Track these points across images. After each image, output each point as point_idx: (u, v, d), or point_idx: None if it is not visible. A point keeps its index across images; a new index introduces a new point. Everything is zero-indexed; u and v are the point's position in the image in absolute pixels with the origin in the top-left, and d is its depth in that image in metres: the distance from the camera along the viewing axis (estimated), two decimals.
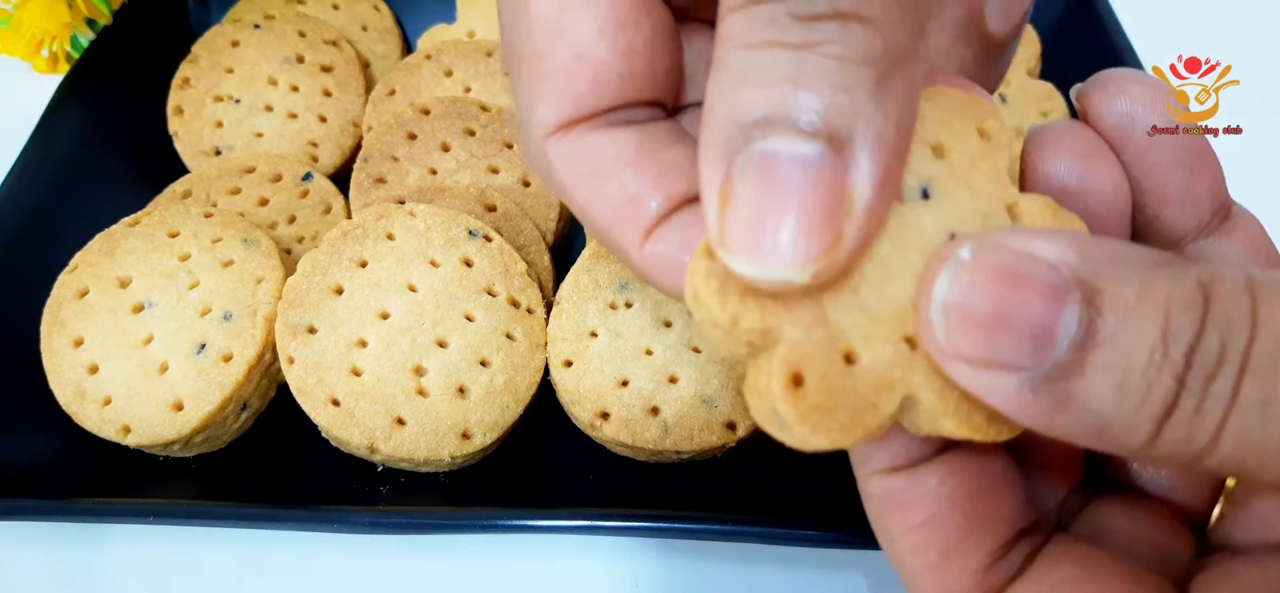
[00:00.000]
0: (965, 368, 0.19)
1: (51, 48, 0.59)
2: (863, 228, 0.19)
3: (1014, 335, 0.18)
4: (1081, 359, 0.17)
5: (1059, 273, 0.18)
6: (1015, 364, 0.18)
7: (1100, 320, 0.17)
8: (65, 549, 0.41)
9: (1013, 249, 0.18)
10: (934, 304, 0.19)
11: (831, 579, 0.39)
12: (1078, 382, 0.18)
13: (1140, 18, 0.54)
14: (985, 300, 0.18)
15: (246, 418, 0.42)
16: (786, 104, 0.18)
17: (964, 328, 0.18)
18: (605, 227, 0.24)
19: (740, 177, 0.19)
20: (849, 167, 0.18)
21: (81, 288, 0.42)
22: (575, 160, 0.23)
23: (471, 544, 0.40)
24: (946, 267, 0.19)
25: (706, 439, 0.39)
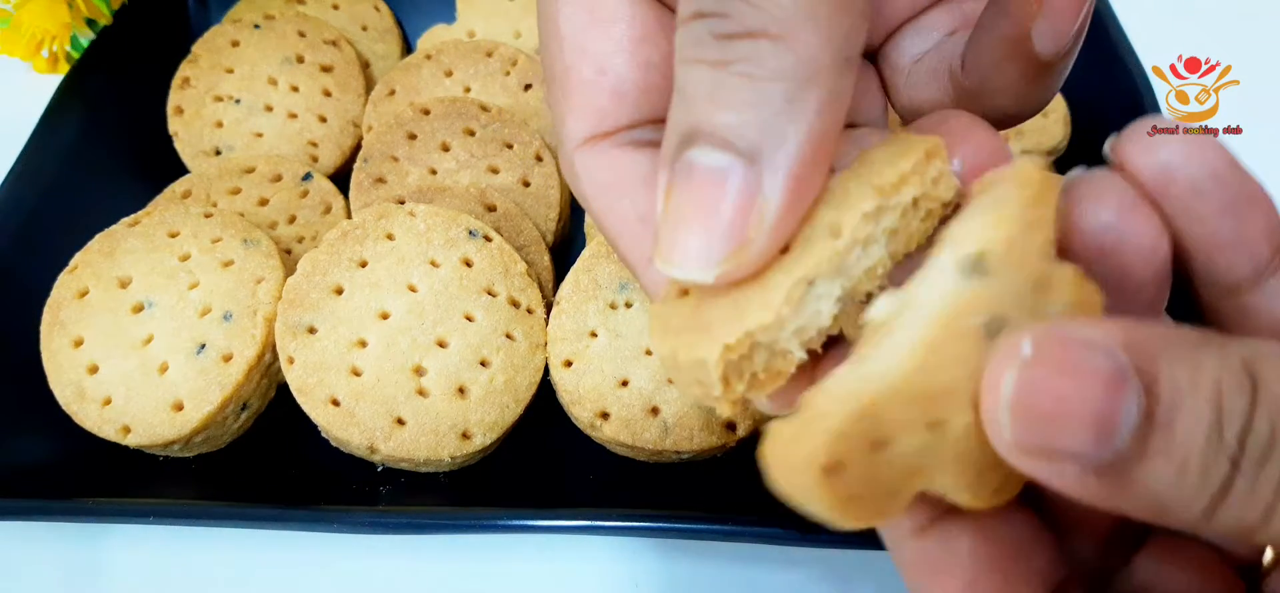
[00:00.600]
0: (1029, 460, 0.19)
1: (51, 48, 0.59)
2: (772, 234, 0.20)
3: (1078, 427, 0.18)
4: (1142, 447, 0.18)
5: (1117, 360, 0.18)
6: (1079, 454, 0.18)
7: (1158, 407, 0.18)
8: (65, 549, 0.41)
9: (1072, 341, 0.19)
10: (1001, 404, 0.19)
11: (832, 579, 0.39)
12: (1138, 467, 0.18)
13: (1140, 18, 0.54)
14: (1049, 397, 0.18)
15: (246, 418, 0.42)
16: (705, 119, 0.20)
17: (1028, 423, 0.19)
18: (616, 241, 0.25)
19: (674, 181, 0.21)
20: (760, 177, 0.20)
21: (81, 288, 0.42)
22: (596, 173, 0.25)
23: (471, 544, 0.40)
24: (1011, 366, 0.19)
25: (706, 440, 0.39)
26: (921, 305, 0.20)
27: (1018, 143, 0.50)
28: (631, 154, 0.25)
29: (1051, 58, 0.26)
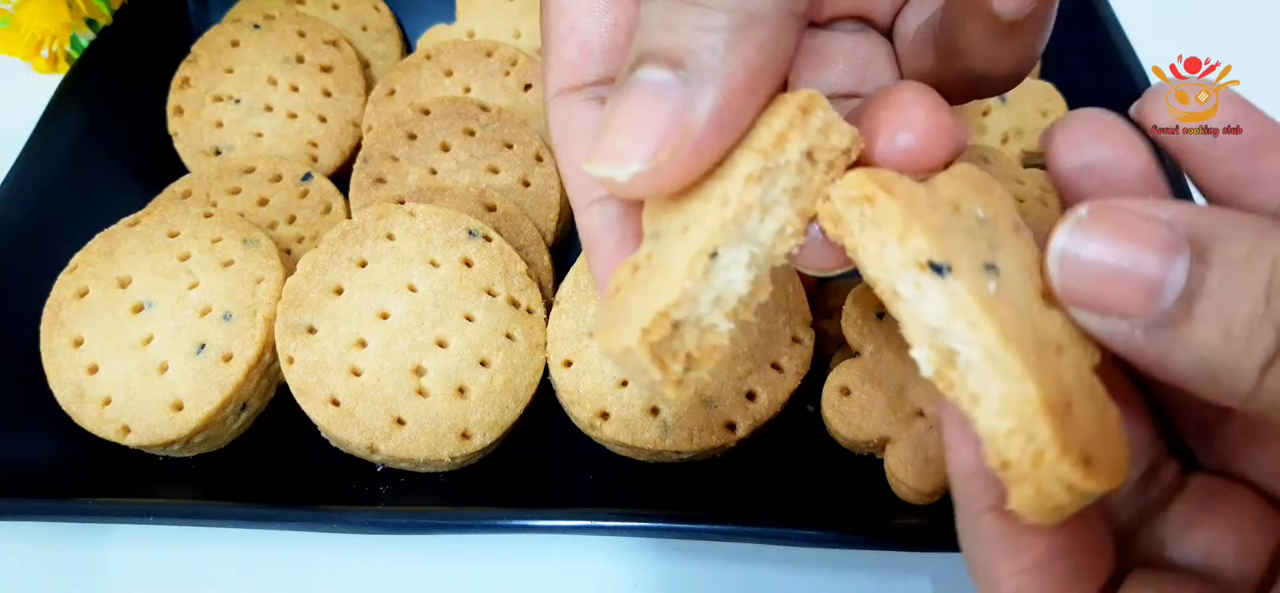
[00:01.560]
0: (1081, 311, 0.21)
1: (51, 48, 0.59)
2: (694, 148, 0.22)
3: (1126, 285, 0.20)
4: (1188, 310, 0.19)
5: (1173, 230, 0.20)
6: (1127, 312, 0.20)
7: (1208, 274, 0.19)
8: (65, 549, 0.41)
9: (1130, 209, 0.20)
10: (1053, 253, 0.21)
11: (832, 580, 0.39)
12: (1185, 329, 0.19)
13: (1140, 18, 0.54)
14: (1099, 250, 0.20)
15: (246, 418, 0.42)
16: (654, 42, 0.22)
17: (1079, 275, 0.21)
18: (566, 184, 0.28)
19: (612, 96, 0.23)
20: (694, 95, 0.21)
21: (81, 288, 0.42)
22: (561, 123, 0.28)
23: (471, 544, 0.40)
24: (1066, 222, 0.21)
25: (706, 439, 0.39)
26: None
27: (1019, 143, 0.50)
28: (592, 107, 0.27)
29: (1011, 16, 0.26)
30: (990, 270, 0.22)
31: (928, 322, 0.22)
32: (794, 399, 0.40)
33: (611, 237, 0.27)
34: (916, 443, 0.38)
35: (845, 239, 0.23)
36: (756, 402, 0.40)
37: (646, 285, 0.23)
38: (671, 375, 0.22)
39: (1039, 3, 0.26)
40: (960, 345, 0.21)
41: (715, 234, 0.22)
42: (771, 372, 0.40)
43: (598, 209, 0.27)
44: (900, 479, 0.38)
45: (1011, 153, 0.50)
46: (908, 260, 0.22)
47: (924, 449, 0.37)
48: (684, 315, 0.22)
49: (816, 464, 0.41)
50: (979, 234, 0.23)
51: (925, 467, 0.37)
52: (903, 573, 0.40)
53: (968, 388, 0.21)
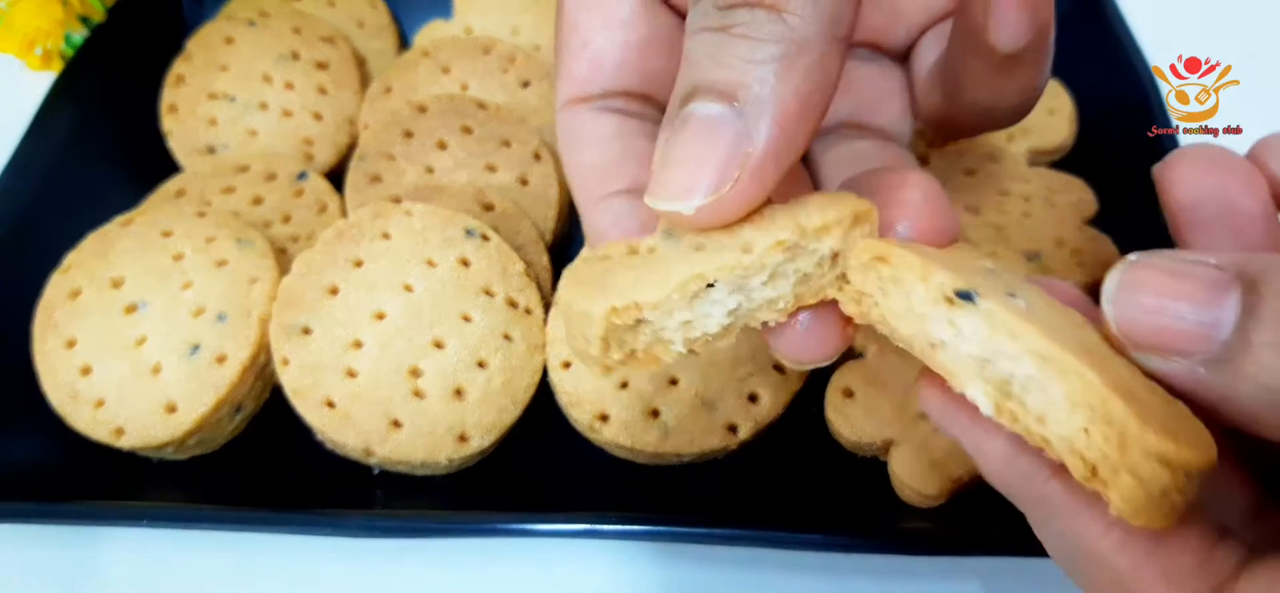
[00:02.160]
0: (1139, 351, 0.21)
1: (45, 45, 0.58)
2: (753, 178, 0.22)
3: (1181, 321, 0.20)
4: (1246, 339, 0.19)
5: (1222, 270, 0.20)
6: (1185, 349, 0.20)
7: (1262, 304, 0.19)
8: (57, 553, 0.41)
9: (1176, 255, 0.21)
10: (1106, 294, 0.22)
11: (836, 584, 0.39)
12: (1246, 359, 0.20)
13: (1141, 18, 0.54)
14: (1151, 292, 0.21)
15: (241, 420, 0.42)
16: (705, 76, 0.22)
17: (1133, 316, 0.21)
18: (573, 188, 0.29)
19: (666, 132, 0.23)
20: (749, 127, 0.22)
21: (74, 288, 0.42)
22: (569, 130, 0.29)
23: (469, 548, 0.40)
24: (1115, 270, 0.22)
25: (707, 442, 0.39)
26: None
27: (1024, 142, 0.50)
28: (598, 115, 0.28)
29: (1010, 50, 0.27)
30: (1014, 298, 0.22)
31: (971, 353, 0.22)
32: (796, 401, 0.40)
33: (618, 232, 0.27)
34: (920, 446, 0.37)
35: (871, 314, 0.24)
36: (758, 404, 0.39)
37: (637, 272, 0.23)
38: (606, 360, 0.23)
39: (1035, 34, 0.27)
40: (1009, 364, 0.21)
41: (722, 270, 0.22)
42: (774, 374, 0.40)
43: (605, 205, 0.28)
44: (904, 482, 0.37)
45: (1018, 152, 0.50)
46: (935, 297, 0.22)
47: (928, 452, 0.37)
48: (652, 319, 0.22)
49: (819, 467, 0.41)
50: (993, 277, 0.23)
51: (929, 470, 0.37)
52: (907, 577, 0.39)
53: (1031, 411, 0.21)
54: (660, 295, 0.22)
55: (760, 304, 0.24)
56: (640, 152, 0.28)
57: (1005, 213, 0.46)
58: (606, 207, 0.28)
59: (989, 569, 0.39)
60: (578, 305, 0.23)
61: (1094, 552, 0.22)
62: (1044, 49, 0.29)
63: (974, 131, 0.33)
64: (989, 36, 0.27)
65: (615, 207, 0.28)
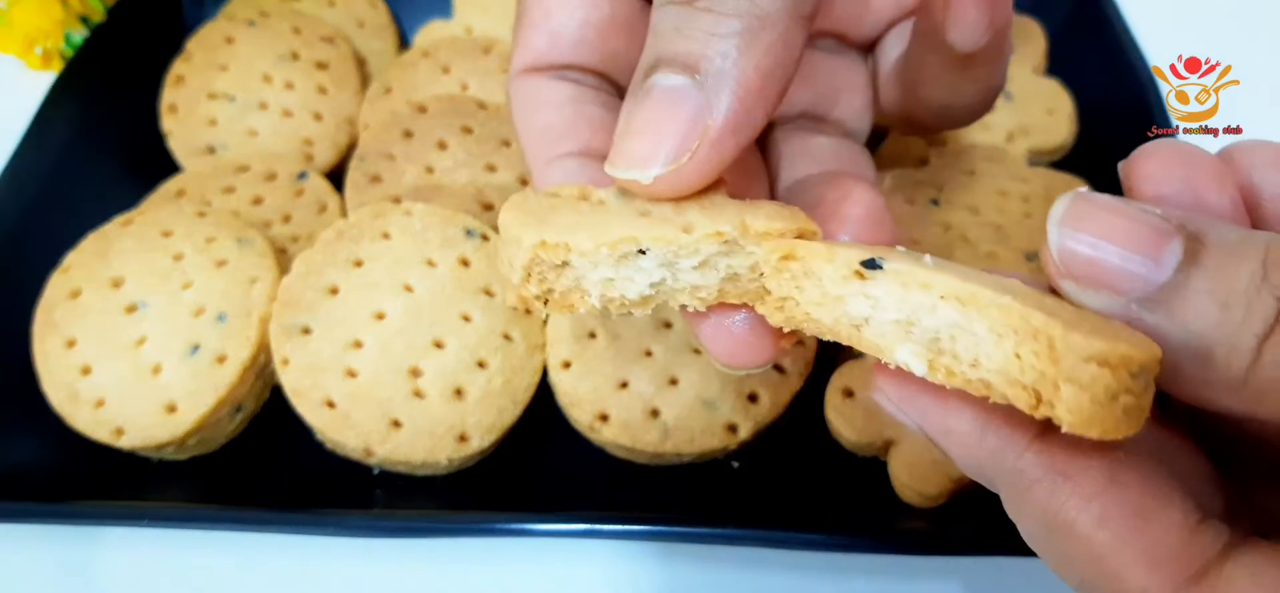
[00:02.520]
0: (1074, 286, 0.21)
1: (45, 45, 0.58)
2: (712, 149, 0.23)
3: (1120, 257, 0.20)
4: (1184, 281, 0.20)
5: (1166, 220, 0.20)
6: (1122, 287, 0.20)
7: (1205, 253, 0.20)
8: (58, 552, 0.41)
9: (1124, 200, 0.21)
10: (1051, 223, 0.21)
11: (835, 584, 0.39)
12: (1181, 302, 0.20)
13: (1141, 18, 0.54)
14: (1095, 225, 0.21)
15: (241, 420, 0.42)
16: (668, 48, 0.23)
17: (1074, 246, 0.21)
18: (525, 149, 0.30)
19: (628, 103, 0.24)
20: (710, 100, 0.22)
21: (74, 288, 0.42)
22: (522, 95, 0.30)
23: (468, 548, 0.40)
24: (1062, 198, 0.21)
25: (707, 442, 0.38)
26: None
27: (1025, 141, 0.50)
28: (553, 81, 0.29)
29: (968, 50, 0.28)
30: (925, 258, 0.23)
31: (892, 319, 0.22)
32: (796, 401, 0.40)
33: None
34: (921, 446, 0.37)
35: (794, 315, 0.24)
36: (758, 404, 0.39)
37: (579, 218, 0.24)
38: (524, 290, 0.23)
39: (992, 36, 0.28)
40: (930, 318, 0.21)
41: (657, 241, 0.23)
42: (774, 373, 0.40)
43: (556, 165, 0.28)
44: (904, 483, 0.37)
45: (1017, 151, 0.50)
46: (845, 274, 0.22)
47: (928, 452, 0.37)
48: (577, 266, 0.23)
49: (819, 467, 0.41)
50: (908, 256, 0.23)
51: (929, 470, 0.37)
52: (907, 577, 0.39)
53: (963, 359, 0.20)
54: (591, 245, 0.23)
55: (684, 287, 0.24)
56: (593, 117, 0.29)
57: (1005, 213, 0.46)
58: (558, 166, 0.28)
59: (989, 569, 0.39)
60: (511, 230, 0.23)
61: (1072, 527, 0.21)
62: (1001, 50, 0.30)
63: (933, 129, 0.34)
64: (947, 35, 0.28)
65: (566, 167, 0.28)
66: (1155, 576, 0.20)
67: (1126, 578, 0.20)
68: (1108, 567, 0.20)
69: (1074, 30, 0.55)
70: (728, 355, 0.26)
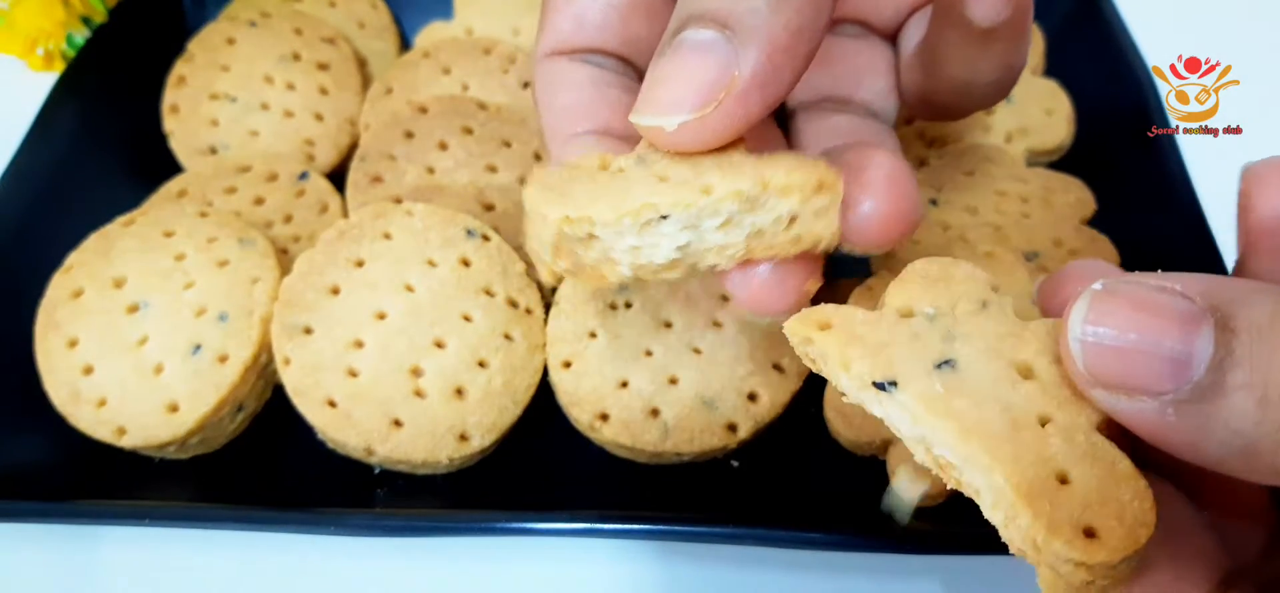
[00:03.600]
0: (1106, 395, 0.20)
1: (47, 46, 0.58)
2: (737, 102, 0.23)
3: (1151, 358, 0.19)
4: (1220, 379, 0.18)
5: (1192, 302, 0.19)
6: (1154, 388, 0.19)
7: (1236, 341, 0.18)
8: (59, 551, 0.41)
9: (1145, 282, 0.20)
10: (1070, 333, 0.20)
11: (835, 583, 0.39)
12: (1219, 402, 0.18)
13: (1141, 18, 0.54)
14: (1120, 325, 0.19)
15: (242, 419, 0.42)
16: (699, 6, 0.23)
17: (1100, 353, 0.20)
18: (544, 127, 0.30)
19: (659, 56, 0.24)
20: (738, 53, 0.23)
21: (76, 288, 0.42)
22: (547, 76, 0.30)
23: (469, 547, 0.40)
24: (1080, 299, 0.20)
25: (707, 441, 0.39)
26: None
27: (1023, 142, 0.50)
28: (576, 66, 0.30)
29: (987, 24, 0.28)
30: (943, 368, 0.22)
31: (906, 433, 0.22)
32: (796, 401, 0.40)
33: None
34: None
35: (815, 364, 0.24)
36: (758, 403, 0.39)
37: (599, 188, 0.24)
38: (555, 266, 0.24)
39: (1014, 10, 0.28)
40: (939, 450, 0.21)
41: (677, 205, 0.23)
42: (773, 373, 0.40)
43: (574, 143, 0.29)
44: None
45: (1016, 152, 0.50)
46: (859, 385, 0.22)
47: None
48: (603, 237, 0.23)
49: (819, 467, 0.41)
50: (930, 334, 0.23)
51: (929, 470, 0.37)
52: (906, 576, 0.39)
53: (965, 483, 0.21)
54: (613, 215, 0.23)
55: (711, 248, 0.24)
56: (612, 99, 0.29)
57: (1003, 213, 0.46)
58: (575, 143, 0.29)
59: (989, 569, 0.39)
60: (537, 207, 0.24)
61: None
62: (1021, 26, 0.29)
63: (955, 112, 0.33)
64: (966, 9, 0.28)
65: (583, 143, 0.29)
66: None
67: None
68: None
69: (1072, 30, 0.55)
70: (753, 303, 0.26)
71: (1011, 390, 0.21)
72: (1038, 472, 0.20)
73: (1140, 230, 0.45)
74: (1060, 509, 0.19)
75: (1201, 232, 0.43)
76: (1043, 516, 0.19)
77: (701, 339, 0.40)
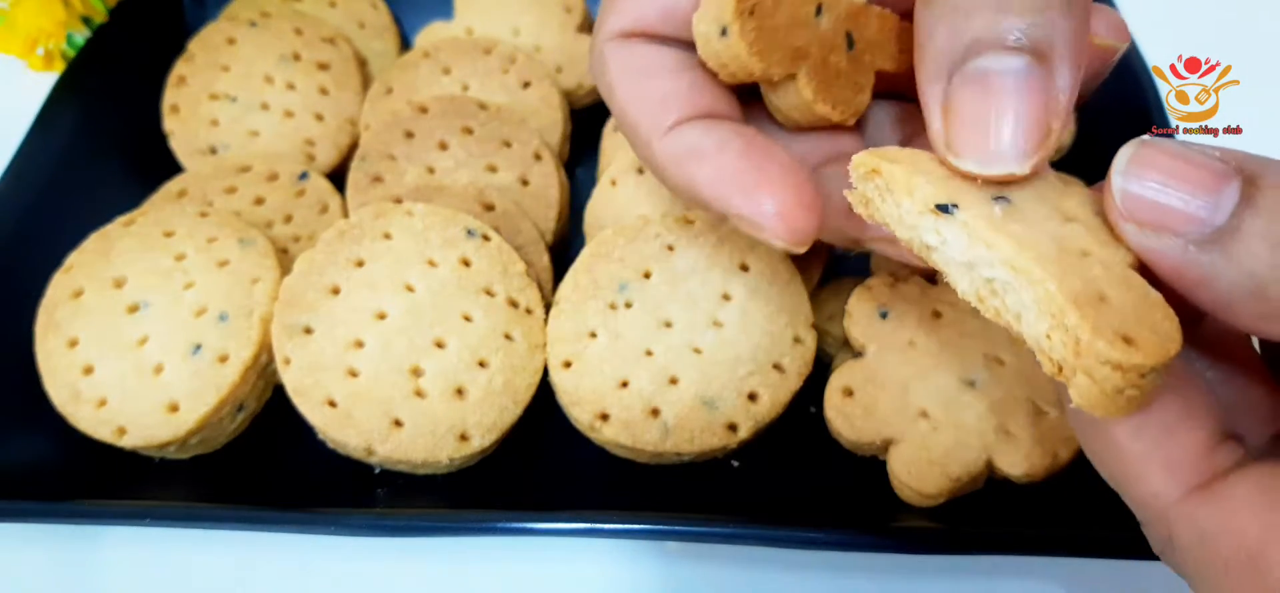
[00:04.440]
0: (1135, 229, 0.22)
1: (47, 46, 0.58)
2: (1064, 122, 0.23)
3: (1182, 201, 0.21)
4: (1238, 224, 0.21)
5: (1224, 162, 0.21)
6: (1181, 228, 0.21)
7: (1259, 196, 0.21)
8: (60, 551, 0.41)
9: (1185, 143, 0.22)
10: (1115, 171, 0.22)
11: (835, 582, 0.39)
12: (1236, 244, 0.21)
13: (1140, 18, 0.54)
14: (1158, 170, 0.22)
15: (242, 419, 0.42)
16: (994, 27, 0.23)
17: (1138, 191, 0.22)
18: (635, 119, 0.29)
19: (959, 91, 0.23)
20: (1052, 73, 0.23)
21: (76, 288, 0.42)
22: (627, 60, 0.29)
23: (469, 547, 0.40)
24: (1128, 146, 0.22)
25: (707, 441, 0.39)
26: None
27: None
28: (661, 48, 0.29)
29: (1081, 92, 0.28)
30: (1000, 201, 0.24)
31: (957, 258, 0.24)
32: (796, 401, 0.40)
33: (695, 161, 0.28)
34: (920, 445, 0.37)
35: (876, 216, 0.25)
36: (758, 403, 0.39)
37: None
38: None
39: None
40: (988, 270, 0.23)
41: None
42: (773, 373, 0.40)
43: (677, 134, 0.28)
44: (903, 482, 0.37)
45: None
46: (921, 209, 0.24)
47: (927, 451, 0.37)
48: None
49: (819, 467, 0.41)
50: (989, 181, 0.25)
51: (928, 469, 0.37)
52: (906, 576, 0.39)
53: (1009, 310, 0.23)
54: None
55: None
56: (706, 83, 0.29)
57: None
58: (678, 135, 0.28)
59: (989, 569, 0.39)
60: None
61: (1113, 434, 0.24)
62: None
63: None
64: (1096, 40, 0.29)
65: (689, 135, 0.28)
66: (1169, 480, 0.24)
67: (1145, 479, 0.24)
68: (1132, 470, 0.24)
69: None
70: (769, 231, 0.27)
71: (1060, 226, 0.23)
72: (1084, 286, 0.22)
73: None
74: (1105, 316, 0.21)
75: None
76: (1089, 319, 0.21)
77: (702, 339, 0.40)
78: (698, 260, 0.42)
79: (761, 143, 0.28)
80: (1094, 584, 0.39)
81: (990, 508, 0.38)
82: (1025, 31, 0.23)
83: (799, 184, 0.28)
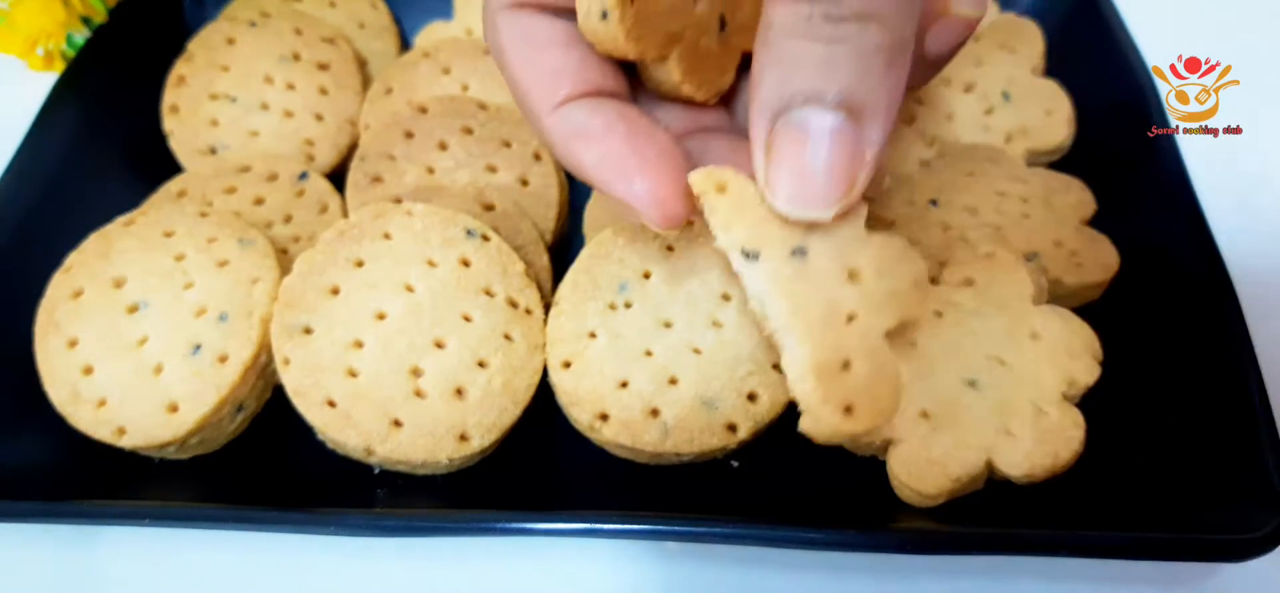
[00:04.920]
0: None
1: (47, 46, 0.58)
2: (869, 175, 0.26)
3: None
4: None
5: None
6: None
7: None
8: (59, 552, 0.41)
9: None
10: None
11: (834, 583, 0.39)
12: None
13: (1140, 18, 0.54)
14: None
15: (242, 420, 0.42)
16: (817, 85, 0.25)
17: None
18: (525, 91, 0.30)
19: (779, 135, 0.26)
20: (863, 130, 0.25)
21: (76, 288, 0.42)
22: (518, 30, 0.30)
23: (469, 548, 0.40)
24: None
25: (707, 441, 0.39)
26: None
27: (1023, 142, 0.50)
28: (552, 20, 0.29)
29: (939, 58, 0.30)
30: (797, 254, 0.27)
31: (751, 291, 0.28)
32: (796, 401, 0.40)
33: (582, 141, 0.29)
34: (919, 445, 0.37)
35: (706, 215, 0.28)
36: (757, 403, 0.39)
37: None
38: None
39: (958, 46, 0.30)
40: (769, 313, 0.27)
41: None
42: (774, 373, 0.40)
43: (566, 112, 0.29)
44: (903, 482, 0.37)
45: (1016, 152, 0.50)
46: (732, 246, 0.28)
47: (927, 451, 0.37)
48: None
49: (818, 466, 0.41)
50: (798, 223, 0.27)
51: (928, 469, 0.37)
52: (906, 576, 0.39)
53: (777, 343, 0.27)
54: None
55: None
56: (594, 59, 0.29)
57: (1004, 214, 0.46)
58: (566, 114, 0.29)
59: (989, 569, 0.39)
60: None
61: None
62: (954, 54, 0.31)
63: None
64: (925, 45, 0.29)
65: (576, 114, 0.29)
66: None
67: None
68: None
69: (1072, 31, 0.55)
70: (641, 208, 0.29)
71: (838, 288, 0.27)
72: (831, 356, 0.26)
73: (1140, 230, 0.45)
74: (839, 388, 0.26)
75: (1201, 231, 0.43)
76: (821, 389, 0.26)
77: (701, 339, 0.40)
78: (697, 261, 0.42)
79: (644, 126, 0.29)
80: (1094, 585, 0.39)
81: (990, 508, 0.38)
82: (843, 93, 0.24)
83: (674, 170, 0.29)
